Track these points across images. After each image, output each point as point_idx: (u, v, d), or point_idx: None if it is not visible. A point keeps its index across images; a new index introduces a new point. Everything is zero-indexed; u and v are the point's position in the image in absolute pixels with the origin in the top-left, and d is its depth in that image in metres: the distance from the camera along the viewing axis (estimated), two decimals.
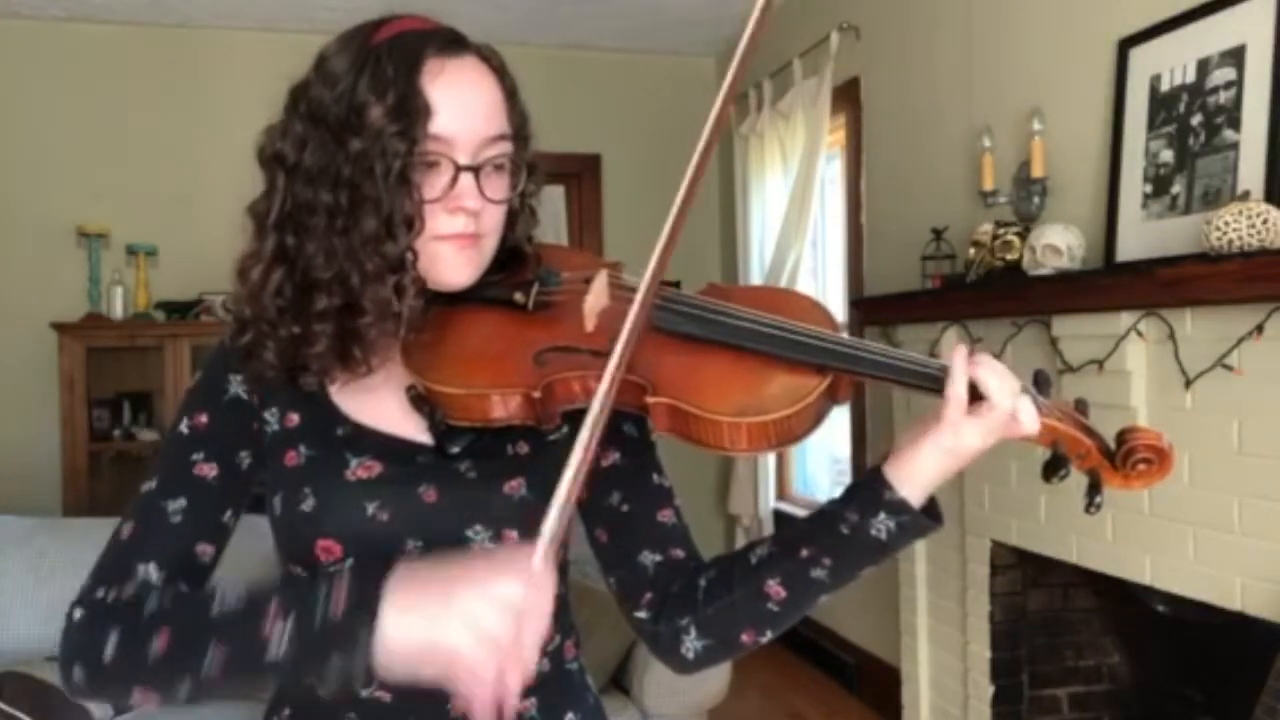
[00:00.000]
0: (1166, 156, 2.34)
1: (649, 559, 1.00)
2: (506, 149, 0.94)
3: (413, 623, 0.77)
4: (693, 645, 0.96)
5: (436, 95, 0.88)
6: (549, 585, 0.77)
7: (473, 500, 0.95)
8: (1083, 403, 0.89)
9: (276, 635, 0.80)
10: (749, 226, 4.51)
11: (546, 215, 5.71)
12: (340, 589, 0.80)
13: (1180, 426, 2.17)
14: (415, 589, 0.79)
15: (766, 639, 0.96)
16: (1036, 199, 2.73)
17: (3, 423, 4.28)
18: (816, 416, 0.88)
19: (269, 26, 4.47)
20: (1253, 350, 1.99)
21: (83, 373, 4.16)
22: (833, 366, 0.88)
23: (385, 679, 0.79)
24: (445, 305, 0.97)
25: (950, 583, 3.02)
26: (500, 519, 0.95)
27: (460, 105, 0.90)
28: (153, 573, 0.90)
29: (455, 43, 0.93)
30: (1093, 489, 0.87)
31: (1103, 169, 2.53)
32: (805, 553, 0.91)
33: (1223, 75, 2.21)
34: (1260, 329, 1.95)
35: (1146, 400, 2.26)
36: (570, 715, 1.04)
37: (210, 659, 0.81)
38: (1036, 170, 2.71)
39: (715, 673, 2.61)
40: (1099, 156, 2.56)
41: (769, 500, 4.45)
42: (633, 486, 1.02)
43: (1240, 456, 2.05)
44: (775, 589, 0.92)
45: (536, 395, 0.89)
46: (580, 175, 4.98)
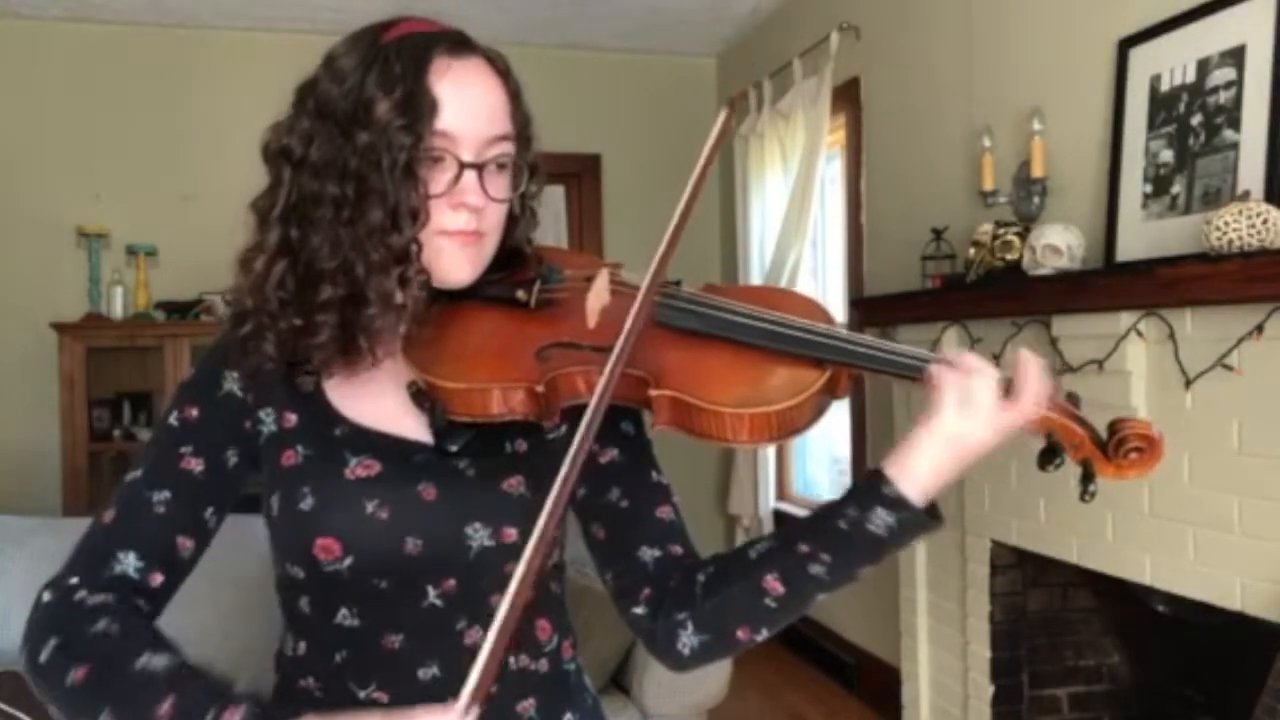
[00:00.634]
0: (1166, 156, 2.34)
1: (647, 555, 1.00)
2: (509, 149, 0.95)
3: None
4: (689, 641, 0.97)
5: (443, 93, 0.90)
6: None
7: (471, 498, 0.95)
8: (1074, 395, 0.91)
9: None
10: (749, 226, 4.51)
11: (547, 215, 5.70)
12: (237, 708, 0.81)
13: (1180, 426, 2.17)
14: None
15: (762, 637, 0.96)
16: (1036, 199, 2.73)
17: (3, 423, 4.29)
18: (817, 409, 0.89)
19: (269, 26, 4.47)
20: (1253, 350, 1.99)
21: (83, 373, 4.16)
22: (831, 360, 0.89)
23: None
24: (448, 303, 0.97)
25: (950, 583, 3.02)
26: (499, 517, 0.95)
27: (465, 103, 0.91)
28: (132, 562, 0.91)
29: (462, 44, 0.95)
30: (1086, 478, 0.88)
31: (1103, 169, 2.53)
32: (804, 549, 0.92)
33: (1223, 75, 2.21)
34: (1260, 329, 1.95)
35: (1146, 400, 2.25)
36: (568, 715, 1.04)
37: (106, 715, 0.83)
38: (1036, 170, 2.71)
39: (715, 672, 2.61)
40: (1099, 156, 2.56)
41: (769, 500, 4.45)
42: (631, 483, 1.02)
43: (1240, 456, 2.05)
44: (773, 585, 0.92)
45: (540, 390, 0.89)
46: (580, 175, 4.97)
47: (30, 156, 4.34)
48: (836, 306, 4.24)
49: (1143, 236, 2.37)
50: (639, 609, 0.99)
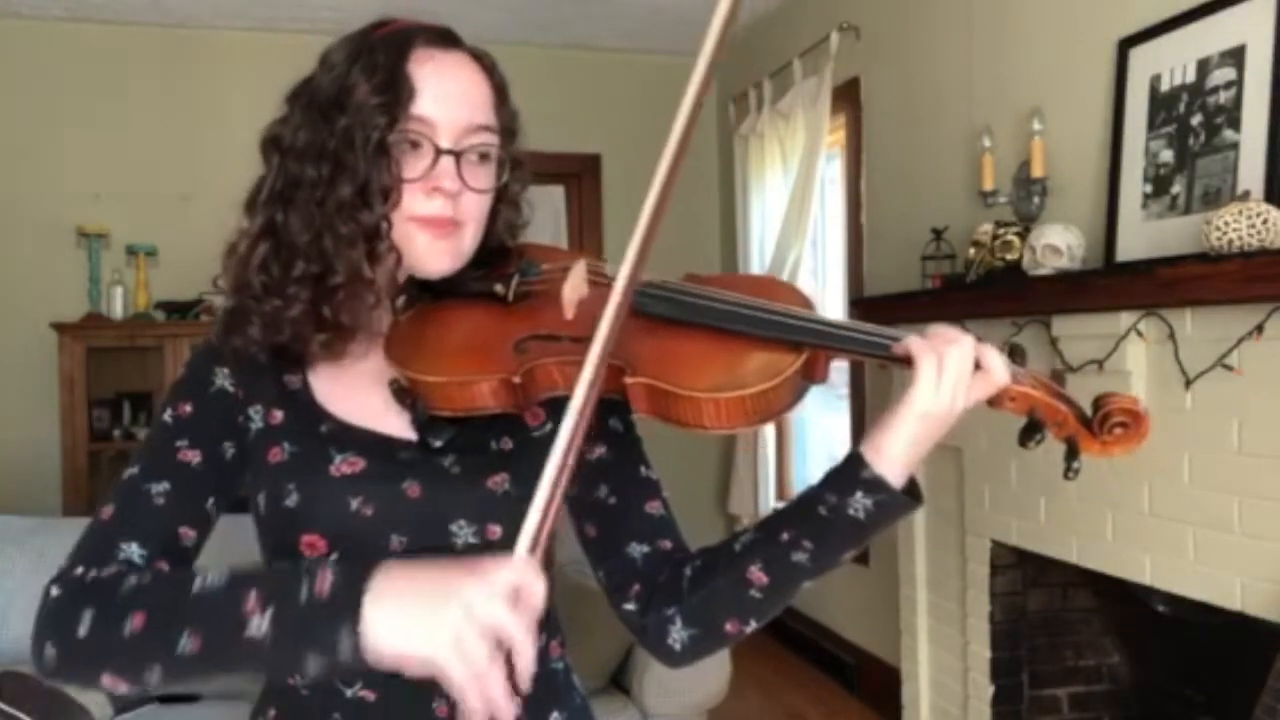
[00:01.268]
0: (1166, 156, 2.34)
1: (637, 550, 1.00)
2: (490, 140, 0.97)
3: (404, 603, 0.76)
4: (679, 636, 0.97)
5: (422, 79, 0.93)
6: (539, 575, 0.76)
7: (456, 495, 0.95)
8: (1059, 374, 0.91)
9: (258, 613, 0.78)
10: (749, 226, 4.52)
11: (547, 215, 5.68)
12: (326, 570, 0.79)
13: (1180, 426, 2.17)
14: (406, 574, 0.78)
15: (751, 628, 0.96)
16: (1036, 199, 2.73)
17: (3, 423, 4.28)
18: (793, 393, 0.89)
19: (269, 26, 4.47)
20: (1253, 350, 1.99)
21: (83, 373, 4.16)
22: (807, 343, 0.89)
23: (371, 665, 0.76)
24: (429, 302, 0.99)
25: (950, 583, 3.02)
26: (484, 514, 0.95)
27: (445, 91, 0.93)
28: (135, 551, 0.90)
29: (446, 38, 0.97)
30: (1070, 455, 0.88)
31: (1103, 169, 2.53)
32: (786, 536, 0.92)
33: (1223, 75, 2.21)
34: (1260, 329, 1.95)
35: (1146, 400, 2.25)
36: (556, 714, 1.04)
37: (186, 637, 0.79)
38: (1036, 170, 2.71)
39: (715, 672, 2.61)
40: (1099, 156, 2.56)
41: (769, 500, 4.45)
42: (620, 479, 1.03)
43: (1240, 456, 2.05)
44: (757, 575, 0.93)
45: (516, 381, 0.90)
46: (580, 175, 4.98)
47: (30, 156, 4.34)
48: (837, 306, 4.24)
49: (1143, 236, 2.37)
50: (630, 605, 1.00)
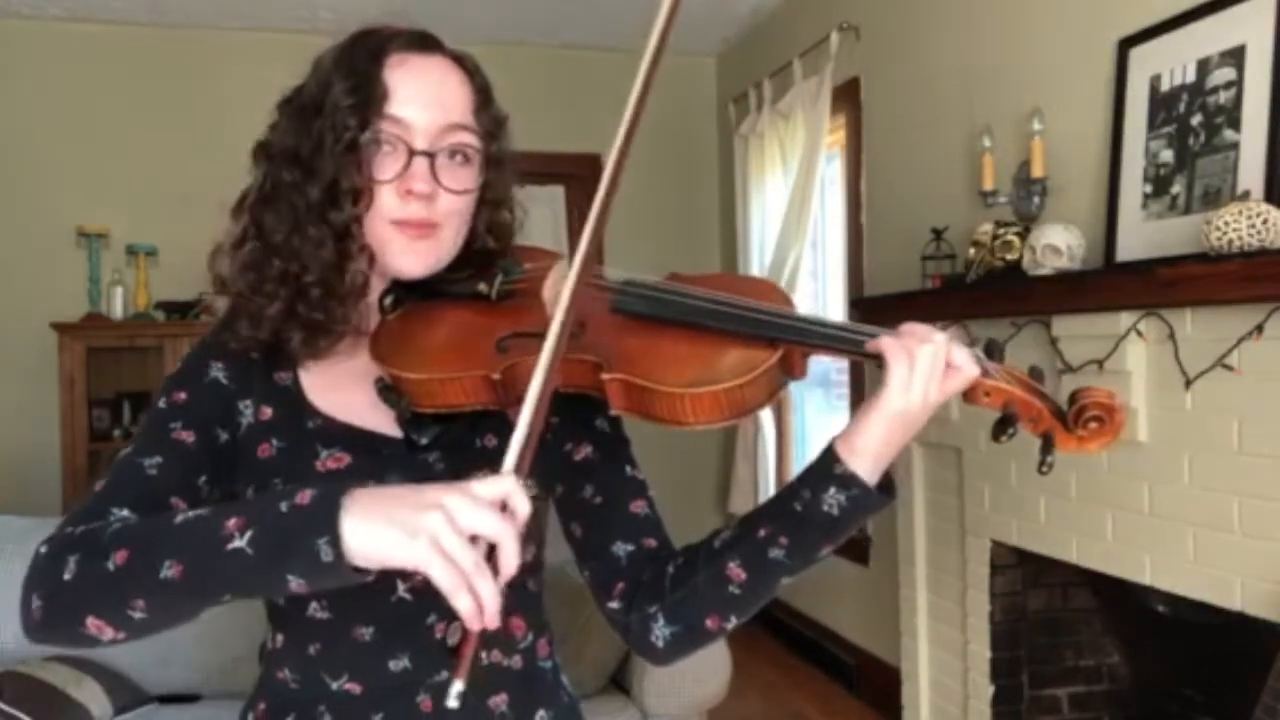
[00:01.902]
0: (1166, 156, 2.34)
1: (622, 550, 1.01)
2: (466, 139, 0.97)
3: (385, 506, 0.75)
4: (661, 633, 0.97)
5: (395, 81, 0.94)
6: (522, 503, 0.75)
7: None
8: (1037, 370, 0.92)
9: (239, 532, 0.78)
10: (749, 226, 4.51)
11: (546, 215, 5.67)
12: (306, 489, 0.79)
13: (1180, 426, 2.17)
14: (382, 495, 0.77)
15: (732, 624, 0.96)
16: (1036, 199, 2.73)
17: (3, 423, 4.29)
18: (770, 388, 0.90)
19: (269, 26, 4.47)
20: (1253, 350, 1.99)
21: (83, 373, 4.16)
22: (784, 339, 0.90)
23: (353, 571, 0.76)
24: (416, 302, 1.00)
25: (950, 583, 3.02)
26: None
27: (419, 92, 0.94)
28: (126, 515, 0.90)
29: (425, 42, 0.98)
30: (1045, 448, 0.88)
31: (1103, 169, 2.53)
32: (763, 533, 0.93)
33: (1223, 75, 2.21)
34: (1260, 329, 1.95)
35: (1146, 400, 2.26)
36: (542, 713, 1.04)
37: (169, 565, 0.79)
38: (1036, 170, 2.71)
39: (715, 672, 2.61)
40: (1099, 156, 2.56)
41: None
42: (605, 479, 1.03)
43: (1240, 456, 2.05)
44: (736, 571, 0.93)
45: (497, 378, 0.91)
46: (580, 175, 4.97)
47: (30, 156, 4.34)
48: (836, 306, 4.24)
49: (1143, 236, 2.37)
50: (614, 603, 1.01)
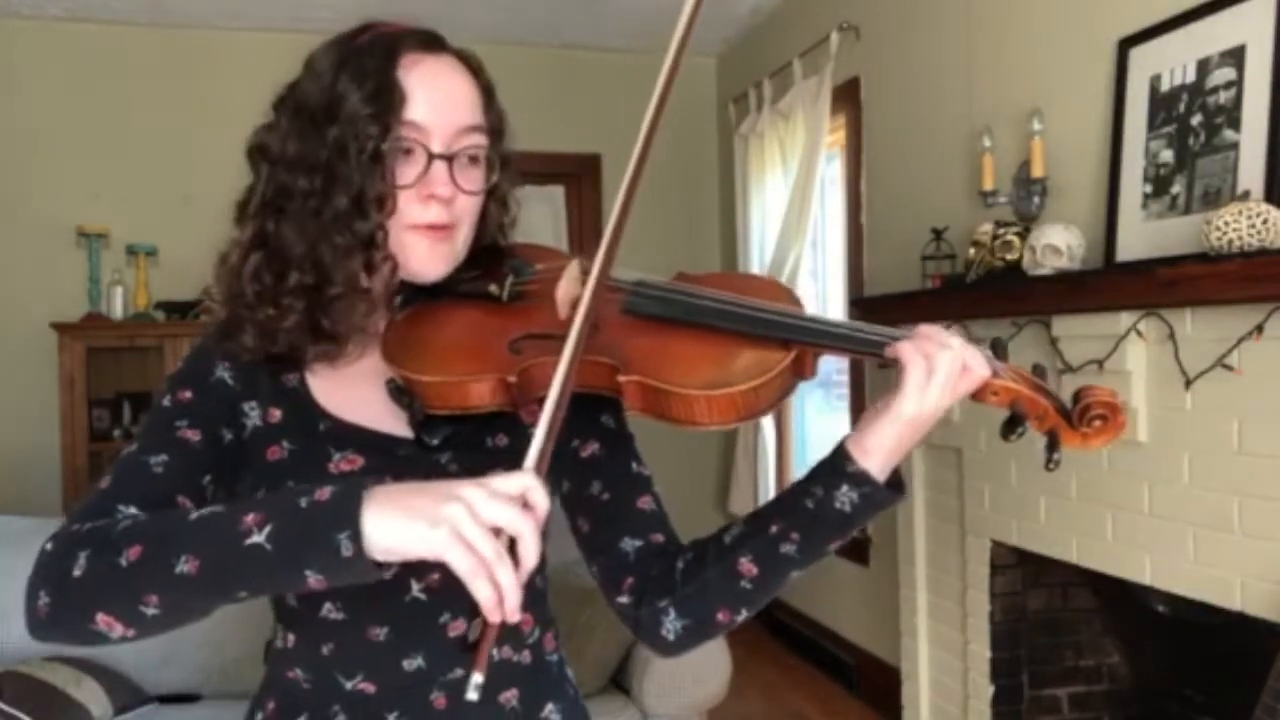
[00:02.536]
0: (1166, 156, 2.34)
1: (629, 545, 1.01)
2: (480, 141, 0.97)
3: (405, 500, 0.76)
4: (672, 627, 0.98)
5: (411, 85, 0.93)
6: (542, 498, 0.76)
7: None
8: (1040, 368, 0.92)
9: (257, 527, 0.77)
10: (749, 226, 4.51)
11: (546, 215, 5.67)
12: (323, 488, 0.79)
13: (1180, 426, 2.17)
14: (402, 491, 0.77)
15: (743, 617, 0.98)
16: (1036, 199, 2.73)
17: (3, 423, 4.29)
18: (783, 389, 0.91)
19: (269, 26, 4.47)
20: (1253, 350, 1.99)
21: (83, 373, 4.16)
22: (797, 341, 0.90)
23: (375, 566, 0.76)
24: (424, 301, 1.00)
25: (950, 583, 3.02)
26: None
27: (434, 95, 0.94)
28: (133, 513, 0.89)
29: (433, 41, 0.97)
30: (1050, 446, 0.89)
31: (1103, 169, 2.53)
32: (774, 529, 0.94)
33: (1223, 75, 2.21)
34: (1260, 329, 1.95)
35: (1146, 400, 2.26)
36: (550, 706, 1.05)
37: (185, 560, 0.78)
38: (1036, 170, 2.71)
39: (715, 672, 2.61)
40: (1099, 156, 2.56)
41: (768, 500, 4.45)
42: (612, 475, 1.04)
43: (1240, 456, 2.05)
44: (747, 566, 0.94)
45: (512, 380, 0.91)
46: (580, 175, 4.98)
47: (30, 156, 4.34)
48: (836, 306, 4.24)
49: (1143, 236, 2.37)
50: (623, 598, 1.01)
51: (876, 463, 0.90)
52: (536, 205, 4.88)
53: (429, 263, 0.96)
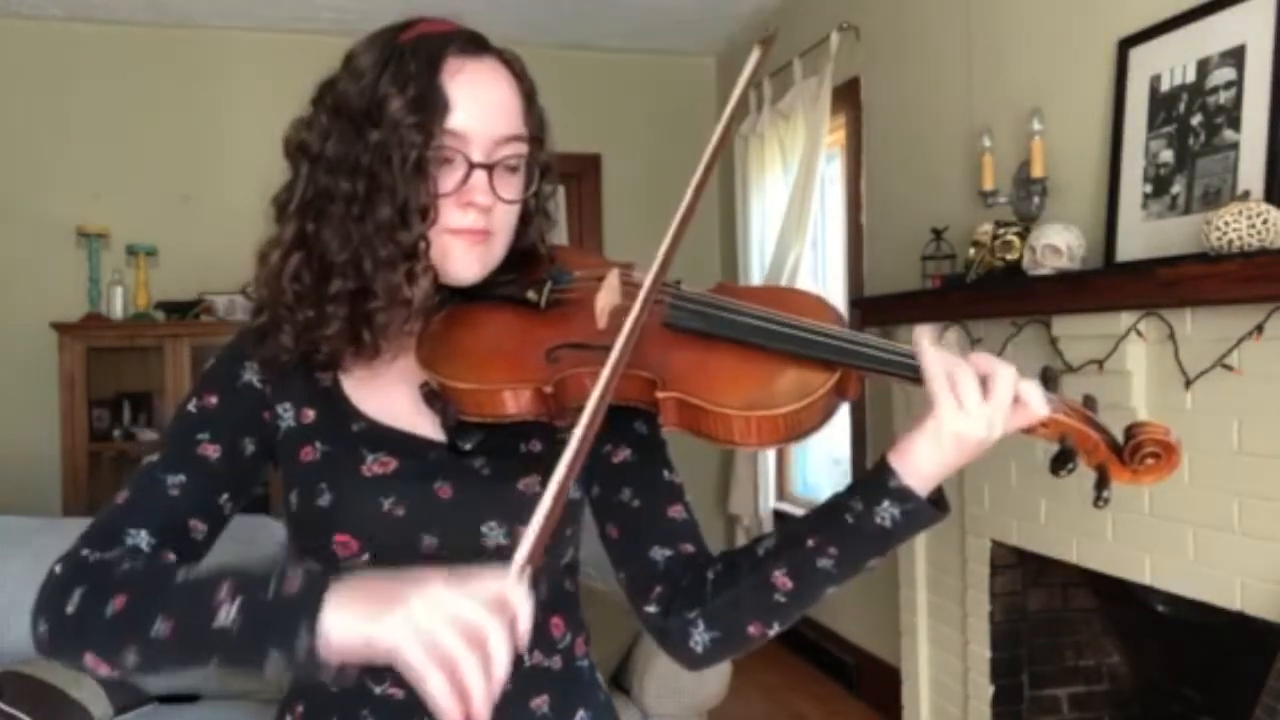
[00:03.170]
0: (1166, 156, 2.34)
1: (659, 554, 1.00)
2: (521, 149, 0.96)
3: (368, 596, 0.76)
4: (701, 639, 0.96)
5: (455, 92, 0.91)
6: (521, 606, 0.74)
7: (488, 497, 0.96)
8: (1091, 400, 0.89)
9: (227, 603, 0.79)
10: (749, 226, 4.51)
11: None
12: (298, 572, 0.80)
13: (1180, 426, 2.14)
14: (370, 585, 0.77)
15: (774, 631, 0.95)
16: (1036, 199, 2.73)
17: (3, 423, 4.28)
18: (826, 412, 0.89)
19: (269, 26, 4.46)
20: (1253, 350, 1.99)
21: (83, 373, 4.16)
22: (841, 363, 0.88)
23: (329, 665, 0.76)
24: (460, 304, 0.98)
25: (950, 583, 3.02)
26: (514, 515, 0.95)
27: (477, 103, 0.93)
28: (143, 539, 0.91)
29: (476, 44, 0.96)
30: (1101, 483, 0.86)
31: (1103, 169, 2.53)
32: (811, 543, 0.91)
33: (1223, 75, 2.21)
34: (1260, 329, 1.95)
35: (1146, 400, 2.25)
36: (582, 712, 1.04)
37: (161, 621, 0.80)
38: (1036, 170, 2.71)
39: (715, 673, 2.61)
40: (1099, 156, 2.56)
41: (769, 501, 4.46)
42: (643, 483, 1.03)
43: (1240, 456, 2.05)
44: (782, 580, 0.92)
45: (548, 390, 0.90)
46: (580, 175, 4.97)
47: (30, 156, 4.34)
48: (836, 306, 4.23)
49: (1143, 236, 2.37)
50: (651, 608, 1.00)
51: (918, 480, 0.87)
52: None
53: (465, 265, 0.95)
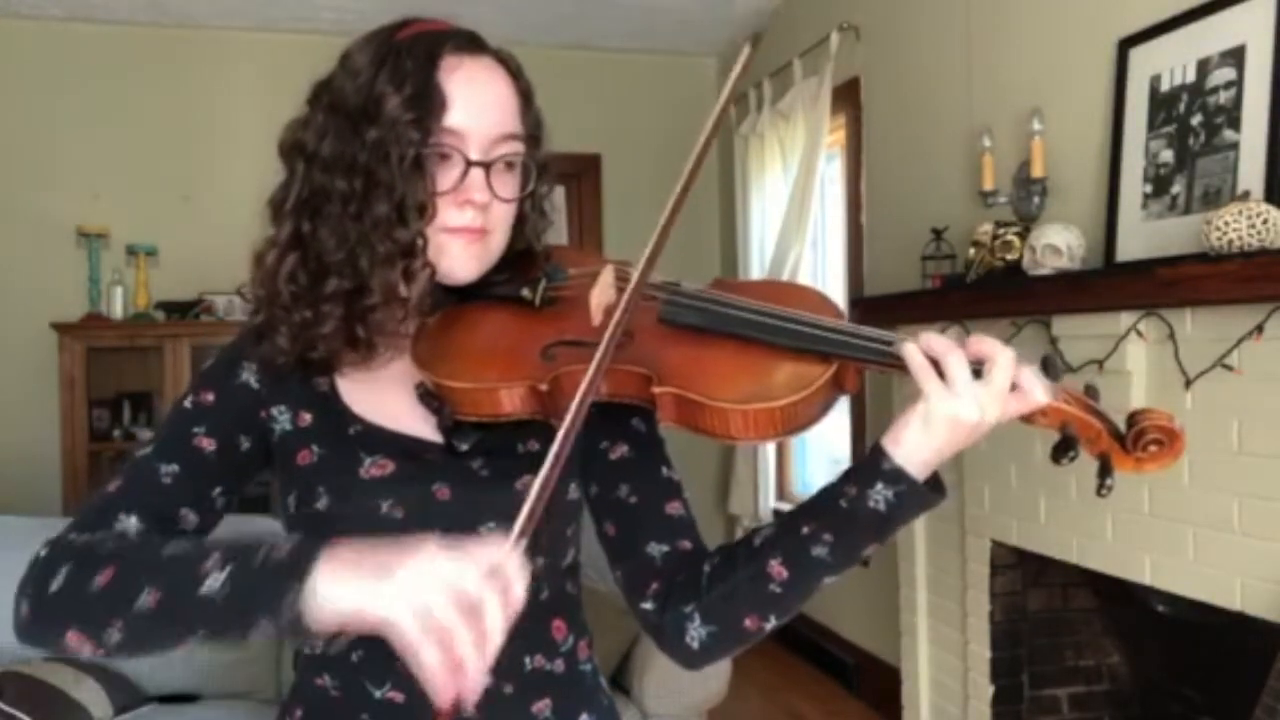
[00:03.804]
0: (1166, 156, 2.34)
1: (656, 550, 1.00)
2: (518, 148, 0.96)
3: (359, 565, 0.75)
4: (697, 633, 0.95)
5: (452, 90, 0.91)
6: (516, 577, 0.74)
7: (486, 498, 0.96)
8: (1093, 389, 0.88)
9: (214, 571, 0.79)
10: (749, 226, 4.51)
11: None
12: (286, 542, 0.80)
13: None
14: (363, 553, 0.77)
15: (771, 625, 0.94)
16: (1036, 199, 2.73)
17: (3, 423, 4.29)
18: (823, 404, 0.88)
19: (269, 26, 4.46)
20: (1253, 350, 1.99)
21: (83, 373, 4.16)
22: (838, 355, 0.87)
23: (318, 631, 0.76)
24: (455, 304, 0.98)
25: (950, 583, 3.01)
26: (513, 516, 0.95)
27: (474, 101, 0.93)
28: (132, 524, 0.90)
29: (473, 43, 0.96)
30: (1103, 471, 0.86)
31: (1103, 169, 2.53)
32: (806, 530, 0.90)
33: (1223, 75, 2.21)
34: (1260, 329, 1.95)
35: (1146, 400, 2.25)
36: (585, 716, 1.04)
37: (146, 593, 0.80)
38: (1036, 170, 2.71)
39: (715, 673, 2.61)
40: (1099, 156, 2.56)
41: (769, 500, 4.46)
42: (641, 479, 1.02)
43: (1240, 456, 2.05)
44: (777, 569, 0.91)
45: (543, 388, 0.89)
46: (580, 175, 4.98)
47: (30, 156, 4.34)
48: (835, 301, 4.23)
49: (1143, 236, 2.37)
50: (647, 604, 0.99)
51: (912, 462, 0.86)
52: None
53: (461, 264, 0.95)
